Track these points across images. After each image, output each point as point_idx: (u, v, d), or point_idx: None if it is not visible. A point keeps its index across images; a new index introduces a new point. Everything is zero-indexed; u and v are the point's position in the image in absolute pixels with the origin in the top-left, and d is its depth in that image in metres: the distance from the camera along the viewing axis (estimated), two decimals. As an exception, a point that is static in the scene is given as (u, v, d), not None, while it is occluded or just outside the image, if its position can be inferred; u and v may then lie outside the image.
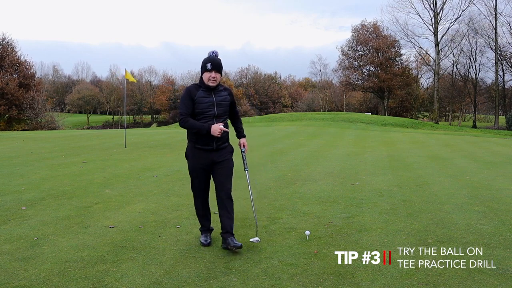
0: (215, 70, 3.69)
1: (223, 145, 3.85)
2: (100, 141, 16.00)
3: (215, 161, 3.82)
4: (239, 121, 4.12)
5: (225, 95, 3.83)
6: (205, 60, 3.73)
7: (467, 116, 61.94)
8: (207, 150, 3.78)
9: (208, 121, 3.70)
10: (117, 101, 68.09)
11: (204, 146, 3.77)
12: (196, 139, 3.78)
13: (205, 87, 3.72)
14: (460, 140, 17.12)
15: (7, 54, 39.68)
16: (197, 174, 3.88)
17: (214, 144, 3.78)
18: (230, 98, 3.87)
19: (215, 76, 3.68)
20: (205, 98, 3.70)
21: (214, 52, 3.78)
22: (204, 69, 3.72)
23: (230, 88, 4.01)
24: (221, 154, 3.84)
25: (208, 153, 3.79)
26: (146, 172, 8.14)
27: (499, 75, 45.14)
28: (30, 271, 3.29)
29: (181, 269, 3.33)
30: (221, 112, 3.77)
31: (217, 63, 3.70)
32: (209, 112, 3.71)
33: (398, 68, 53.47)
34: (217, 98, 3.75)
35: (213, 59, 3.72)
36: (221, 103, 3.77)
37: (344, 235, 4.16)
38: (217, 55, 3.78)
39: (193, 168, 3.87)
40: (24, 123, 39.57)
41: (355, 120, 31.36)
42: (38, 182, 7.09)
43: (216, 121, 3.73)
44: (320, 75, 69.73)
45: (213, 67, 3.68)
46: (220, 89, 3.82)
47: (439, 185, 6.71)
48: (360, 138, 18.38)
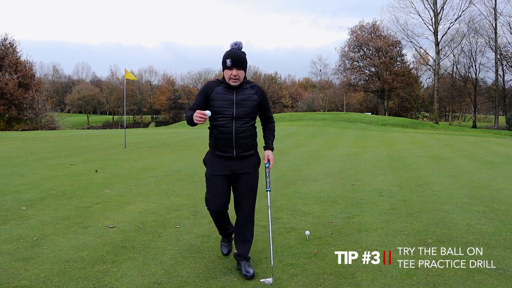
0: (236, 67, 3.05)
1: (245, 153, 3.19)
2: (100, 141, 15.99)
3: (236, 172, 3.21)
4: (270, 129, 3.41)
5: (251, 93, 3.15)
6: (225, 55, 3.10)
7: (467, 116, 61.98)
8: (226, 158, 3.18)
9: (226, 123, 3.10)
10: (117, 101, 68.13)
11: (222, 153, 3.18)
12: (215, 144, 3.21)
13: (227, 84, 3.13)
14: (460, 140, 17.12)
15: (7, 54, 39.67)
16: (214, 179, 3.23)
17: (234, 151, 3.15)
18: (257, 97, 3.18)
19: (236, 74, 3.05)
20: (223, 95, 3.11)
21: (237, 43, 3.12)
22: (224, 66, 3.10)
23: (259, 86, 3.28)
24: (243, 164, 3.21)
25: (227, 162, 3.19)
26: (146, 172, 8.14)
27: (499, 75, 45.19)
28: (30, 271, 3.29)
29: (181, 269, 3.33)
30: (242, 113, 3.10)
31: (240, 58, 3.06)
32: (227, 112, 3.09)
33: (398, 68, 53.48)
34: (238, 97, 3.11)
35: (234, 53, 3.07)
36: (243, 102, 3.11)
37: (344, 235, 4.15)
38: (241, 47, 3.14)
39: (210, 175, 3.25)
40: (24, 123, 39.57)
41: (355, 120, 31.37)
42: (38, 182, 7.09)
43: (235, 124, 3.10)
44: (320, 75, 69.89)
45: (234, 63, 3.04)
46: (245, 86, 3.17)
47: (439, 185, 6.71)
48: (360, 138, 18.38)
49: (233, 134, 3.11)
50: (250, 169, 3.23)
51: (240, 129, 3.11)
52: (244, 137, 3.13)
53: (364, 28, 54.25)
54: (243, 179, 3.21)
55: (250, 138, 3.18)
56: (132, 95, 67.44)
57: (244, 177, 3.21)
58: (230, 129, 3.10)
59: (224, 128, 3.11)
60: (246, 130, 3.14)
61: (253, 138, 3.22)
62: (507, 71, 45.52)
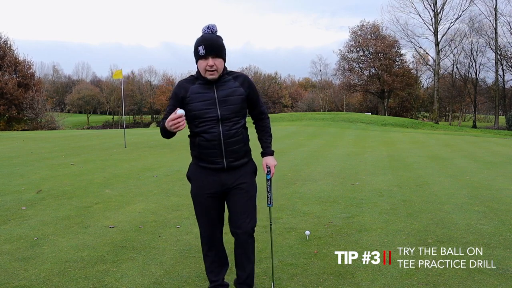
0: (212, 55, 2.45)
1: (237, 161, 2.61)
2: (100, 141, 16.00)
3: (229, 186, 2.63)
4: (264, 127, 2.82)
5: (235, 86, 2.57)
6: (196, 42, 2.49)
7: (467, 116, 61.98)
8: (215, 170, 2.59)
9: (210, 128, 2.52)
10: (117, 101, 68.09)
11: (209, 164, 2.59)
12: (199, 153, 2.61)
13: (203, 79, 2.54)
14: (460, 140, 17.12)
15: (5, 53, 39.67)
16: (202, 203, 2.68)
17: (224, 161, 2.57)
18: (244, 90, 2.59)
19: (213, 65, 2.45)
20: (201, 94, 2.52)
21: (210, 26, 2.52)
22: (197, 56, 2.49)
23: (245, 75, 2.68)
24: (236, 175, 2.63)
25: (216, 174, 2.60)
26: (146, 172, 8.14)
27: (499, 75, 45.21)
28: (30, 271, 3.29)
29: (181, 269, 3.33)
30: (228, 113, 2.53)
31: (215, 44, 2.46)
32: (210, 115, 2.51)
33: (398, 68, 53.50)
34: (220, 92, 2.53)
35: (207, 38, 2.46)
36: (228, 99, 2.53)
37: (344, 235, 4.15)
38: (215, 30, 2.53)
39: (196, 195, 2.69)
40: (24, 123, 39.59)
41: (355, 120, 31.36)
42: (38, 182, 7.09)
43: (222, 128, 2.53)
44: (320, 75, 69.86)
45: (208, 50, 2.43)
46: (227, 78, 2.58)
47: (439, 185, 6.71)
48: (360, 138, 18.38)
49: (221, 140, 2.53)
50: (247, 178, 2.67)
51: (229, 133, 2.53)
52: (234, 142, 2.56)
53: (364, 28, 54.23)
54: (238, 193, 2.64)
55: (243, 143, 2.61)
56: (132, 95, 67.45)
57: (239, 190, 2.64)
58: (217, 134, 2.52)
59: (209, 134, 2.52)
60: (237, 133, 2.56)
61: (245, 142, 2.65)
62: (507, 71, 45.59)
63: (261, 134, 2.82)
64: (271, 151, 2.81)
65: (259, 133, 2.84)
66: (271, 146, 2.83)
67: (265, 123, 2.82)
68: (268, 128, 2.83)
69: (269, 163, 2.77)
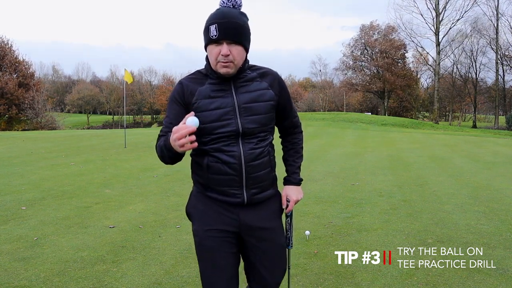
0: (228, 40, 1.65)
1: (263, 193, 1.85)
2: (100, 141, 15.99)
3: (250, 226, 1.83)
4: (296, 144, 2.11)
5: (263, 87, 1.79)
6: (208, 18, 1.69)
7: (467, 116, 61.96)
8: (229, 205, 1.80)
9: (226, 145, 1.74)
10: (117, 101, 68.11)
11: (222, 196, 1.80)
12: (207, 180, 1.80)
13: (216, 77, 1.75)
14: (460, 140, 17.12)
15: (6, 53, 39.70)
16: (210, 251, 1.80)
17: (244, 192, 1.78)
18: (275, 93, 1.81)
19: (228, 54, 1.65)
20: (214, 99, 1.73)
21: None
22: (207, 38, 1.69)
23: (275, 72, 1.87)
24: (261, 214, 1.86)
25: (231, 211, 1.81)
26: (146, 172, 8.14)
27: (499, 75, 45.23)
28: (30, 271, 3.29)
29: (181, 269, 3.33)
30: (253, 125, 1.75)
31: (234, 24, 1.65)
32: (226, 129, 1.72)
33: (400, 69, 53.55)
34: (241, 97, 1.75)
35: (224, 13, 1.66)
36: (252, 106, 1.75)
37: (344, 235, 4.15)
38: (238, 5, 1.71)
39: (202, 238, 1.81)
40: (24, 123, 39.58)
41: (355, 120, 31.36)
42: (38, 182, 7.09)
43: (243, 146, 1.75)
44: (320, 75, 69.92)
45: (222, 33, 1.63)
46: (251, 75, 1.79)
47: (439, 185, 6.71)
48: (360, 138, 18.38)
49: (242, 162, 1.74)
50: (274, 222, 1.93)
51: (253, 153, 1.76)
52: (259, 166, 1.79)
53: (374, 28, 54.13)
54: (265, 239, 1.87)
55: (269, 167, 1.87)
56: (132, 95, 67.45)
57: (263, 237, 1.86)
58: (236, 155, 1.74)
59: (225, 154, 1.74)
60: (262, 153, 1.80)
61: (272, 166, 1.91)
62: (507, 71, 45.62)
63: (289, 153, 2.09)
64: (299, 180, 2.07)
65: (287, 153, 2.09)
66: (300, 172, 2.08)
67: (297, 139, 2.09)
68: (300, 146, 2.10)
69: (290, 195, 2.01)
